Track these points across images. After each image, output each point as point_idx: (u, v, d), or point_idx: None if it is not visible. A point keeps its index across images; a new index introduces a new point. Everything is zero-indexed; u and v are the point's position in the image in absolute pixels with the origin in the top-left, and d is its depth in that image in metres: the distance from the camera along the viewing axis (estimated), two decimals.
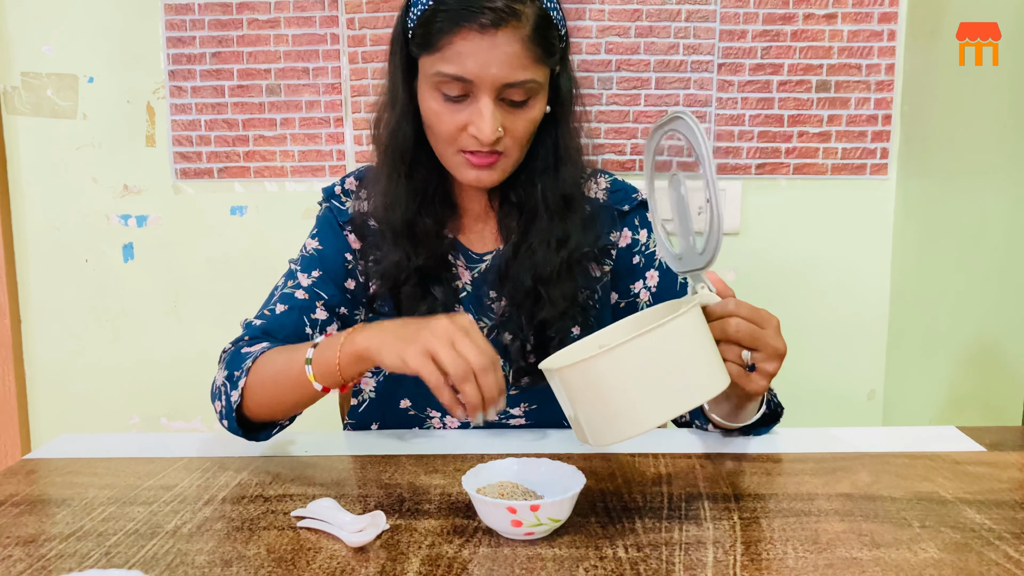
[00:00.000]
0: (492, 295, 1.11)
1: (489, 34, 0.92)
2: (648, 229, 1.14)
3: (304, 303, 1.09)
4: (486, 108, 0.95)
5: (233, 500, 0.87)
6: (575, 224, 1.07)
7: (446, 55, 0.94)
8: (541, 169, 1.06)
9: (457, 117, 0.97)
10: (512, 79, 0.95)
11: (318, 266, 1.12)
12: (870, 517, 0.80)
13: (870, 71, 1.67)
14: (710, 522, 0.80)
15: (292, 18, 1.71)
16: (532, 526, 0.74)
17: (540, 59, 0.96)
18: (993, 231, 1.35)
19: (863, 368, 1.79)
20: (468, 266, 1.12)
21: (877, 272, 1.75)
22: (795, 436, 1.06)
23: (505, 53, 0.93)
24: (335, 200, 1.15)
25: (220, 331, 1.82)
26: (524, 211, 1.07)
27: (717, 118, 1.69)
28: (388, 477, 0.93)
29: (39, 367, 1.87)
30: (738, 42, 1.67)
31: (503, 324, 1.09)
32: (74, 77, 1.76)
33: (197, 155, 1.77)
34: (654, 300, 1.13)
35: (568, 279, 1.06)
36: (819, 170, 1.71)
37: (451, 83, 0.95)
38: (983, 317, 1.38)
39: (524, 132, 1.00)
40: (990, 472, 0.91)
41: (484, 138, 0.96)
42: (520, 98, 0.97)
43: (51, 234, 1.82)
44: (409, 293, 1.07)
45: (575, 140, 1.08)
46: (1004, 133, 1.32)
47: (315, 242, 1.14)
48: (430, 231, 1.07)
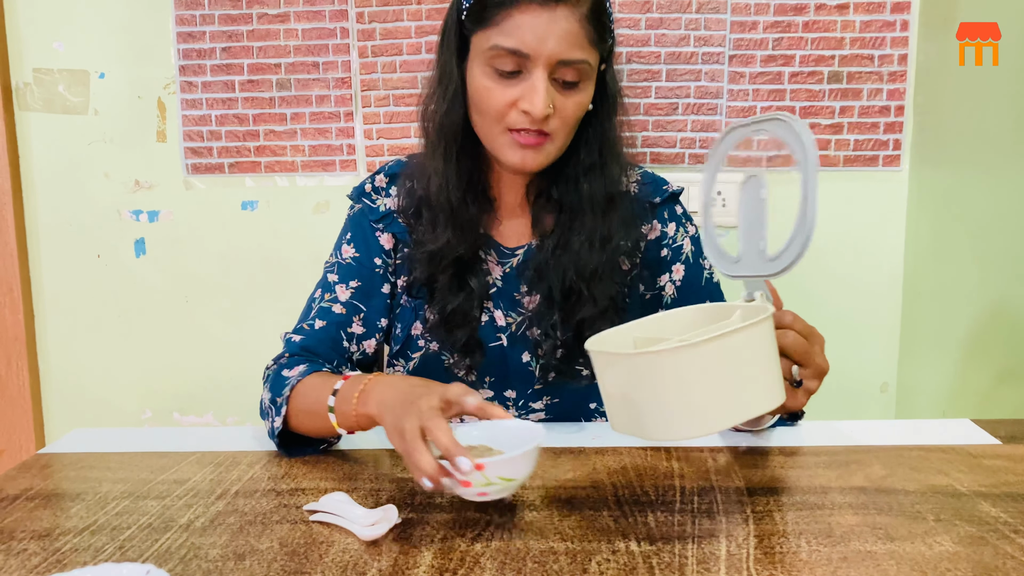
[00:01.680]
0: (523, 289, 1.11)
1: (549, 8, 0.93)
2: (676, 222, 1.14)
3: (341, 318, 1.10)
4: (540, 82, 0.95)
5: (246, 494, 0.87)
6: (618, 222, 1.07)
7: (504, 28, 0.94)
8: (587, 166, 1.06)
9: (509, 92, 0.97)
10: (568, 56, 0.95)
11: (356, 276, 1.12)
12: (884, 510, 0.80)
13: (883, 62, 1.66)
14: (723, 515, 0.80)
15: (302, 12, 1.71)
16: (483, 486, 0.73)
17: (594, 41, 0.97)
18: (1007, 222, 1.34)
19: (876, 360, 1.78)
20: (499, 261, 1.12)
21: (890, 263, 1.74)
22: (808, 429, 1.05)
23: (563, 29, 0.94)
24: (366, 199, 1.15)
25: (232, 326, 1.84)
26: (564, 207, 1.07)
27: (728, 110, 1.68)
28: (400, 471, 0.93)
29: (52, 362, 1.88)
30: (749, 33, 1.66)
31: (533, 319, 1.09)
32: (85, 73, 1.77)
33: (208, 150, 1.77)
34: (678, 294, 1.13)
35: (610, 278, 1.07)
36: (832, 162, 1.70)
37: (506, 57, 0.95)
38: (996, 309, 1.37)
39: (572, 114, 0.99)
40: (1006, 465, 0.91)
41: (536, 112, 0.95)
42: (572, 78, 0.97)
43: (63, 229, 1.83)
44: (445, 284, 1.07)
45: (620, 137, 1.08)
46: (1017, 124, 1.31)
47: (351, 248, 1.13)
48: (471, 221, 1.07)
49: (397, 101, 1.73)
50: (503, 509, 0.81)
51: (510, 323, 1.11)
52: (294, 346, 1.07)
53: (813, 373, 0.85)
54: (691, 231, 1.15)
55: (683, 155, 1.71)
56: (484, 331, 1.10)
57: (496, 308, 1.11)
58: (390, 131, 1.73)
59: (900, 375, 1.77)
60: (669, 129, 1.70)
